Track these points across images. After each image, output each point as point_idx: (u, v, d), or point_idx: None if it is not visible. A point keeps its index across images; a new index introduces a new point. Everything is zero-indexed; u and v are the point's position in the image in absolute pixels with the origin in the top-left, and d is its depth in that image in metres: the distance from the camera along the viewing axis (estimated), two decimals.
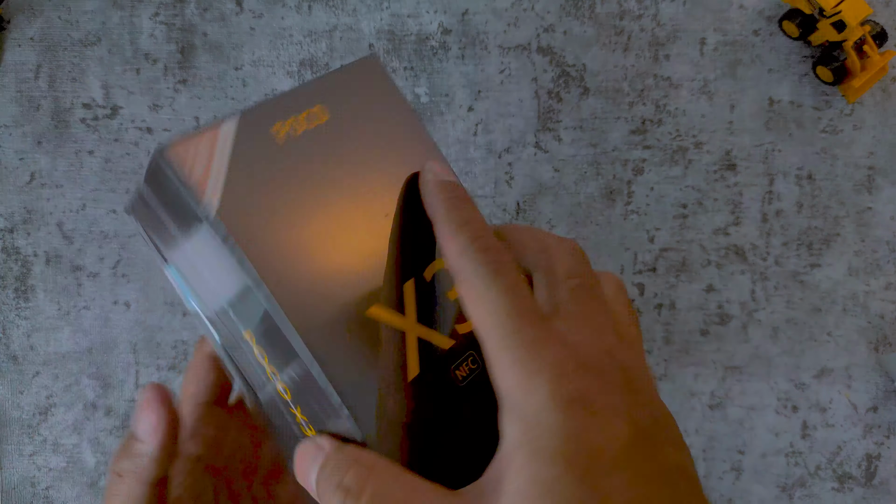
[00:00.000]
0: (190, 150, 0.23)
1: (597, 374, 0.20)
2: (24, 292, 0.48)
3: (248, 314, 0.24)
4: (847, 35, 0.46)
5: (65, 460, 0.48)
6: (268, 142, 0.24)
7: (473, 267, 0.22)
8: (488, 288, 0.21)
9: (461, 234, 0.22)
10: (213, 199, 0.22)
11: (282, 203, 0.24)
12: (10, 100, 0.48)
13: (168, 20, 0.48)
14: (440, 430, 0.24)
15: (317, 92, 0.25)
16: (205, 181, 0.22)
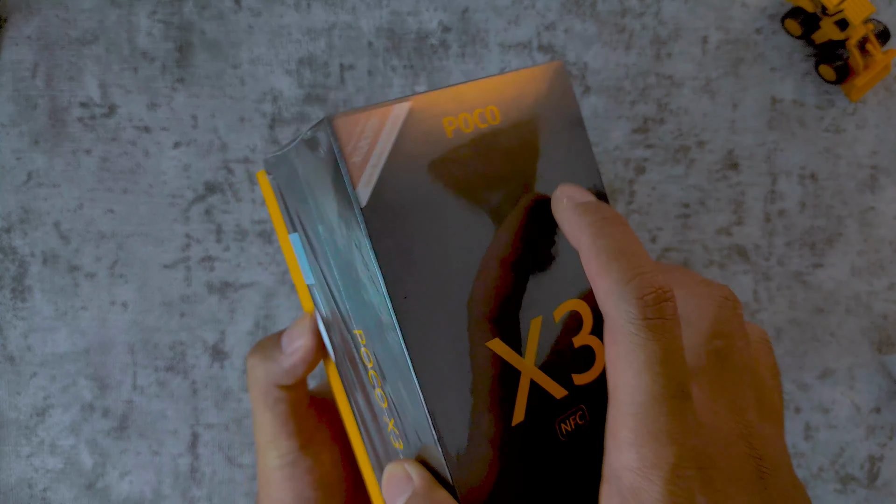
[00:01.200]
0: (358, 125, 0.21)
1: (724, 474, 0.18)
2: (21, 292, 0.48)
3: (364, 315, 0.23)
4: (850, 33, 0.45)
5: (62, 461, 0.48)
6: (437, 132, 0.23)
7: (627, 316, 0.18)
8: (641, 350, 0.18)
9: (614, 269, 0.19)
10: (367, 188, 0.21)
11: (434, 202, 0.22)
12: (7, 99, 0.47)
13: (166, 18, 0.47)
14: (530, 484, 0.23)
15: (492, 91, 0.24)
16: (364, 164, 0.21)
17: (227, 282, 0.48)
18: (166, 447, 0.48)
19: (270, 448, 0.27)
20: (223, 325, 0.48)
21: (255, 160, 0.48)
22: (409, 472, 0.22)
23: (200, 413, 0.48)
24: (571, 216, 0.21)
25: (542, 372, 0.23)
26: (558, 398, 0.23)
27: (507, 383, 0.22)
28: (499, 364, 0.22)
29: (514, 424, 0.22)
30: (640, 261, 0.19)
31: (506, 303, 0.22)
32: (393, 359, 0.22)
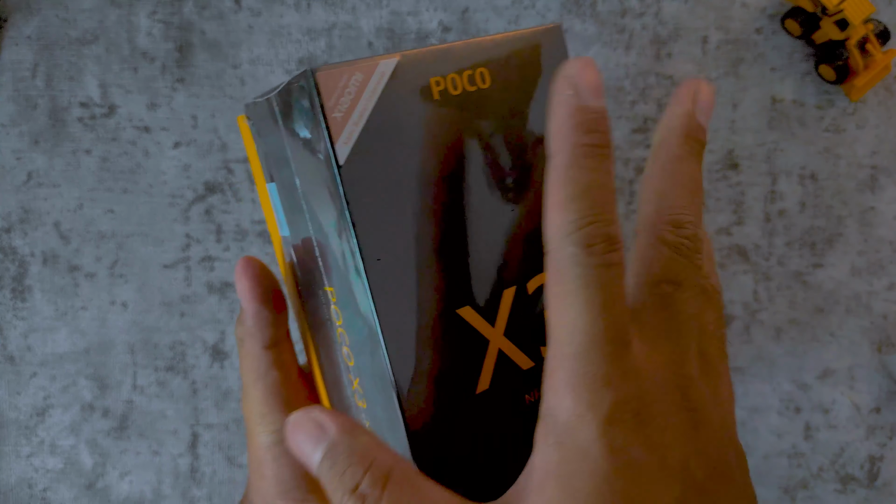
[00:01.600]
0: (342, 78, 0.20)
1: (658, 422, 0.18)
2: (21, 292, 0.48)
3: (336, 273, 0.22)
4: (850, 33, 0.45)
5: (62, 462, 0.48)
6: (422, 93, 0.22)
7: (573, 259, 0.18)
8: (583, 292, 0.18)
9: (573, 208, 0.18)
10: (346, 146, 0.20)
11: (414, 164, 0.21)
12: (7, 99, 0.47)
13: (166, 18, 0.47)
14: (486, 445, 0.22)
15: (484, 52, 0.23)
16: (345, 120, 0.20)
17: (227, 282, 0.48)
18: (166, 447, 0.48)
19: (261, 425, 0.27)
20: (223, 325, 0.48)
21: None
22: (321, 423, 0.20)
23: (200, 413, 0.48)
24: (565, 119, 0.19)
25: (511, 342, 0.23)
26: (525, 369, 0.23)
27: (474, 351, 0.22)
28: (467, 331, 0.22)
29: (477, 392, 0.22)
30: (602, 205, 0.18)
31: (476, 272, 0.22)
32: (361, 317, 0.22)
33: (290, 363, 0.27)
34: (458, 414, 0.22)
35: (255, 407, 0.27)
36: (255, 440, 0.28)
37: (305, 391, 0.28)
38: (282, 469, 0.27)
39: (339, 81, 0.20)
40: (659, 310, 0.20)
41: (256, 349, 0.26)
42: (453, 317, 0.22)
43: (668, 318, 0.20)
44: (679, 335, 0.19)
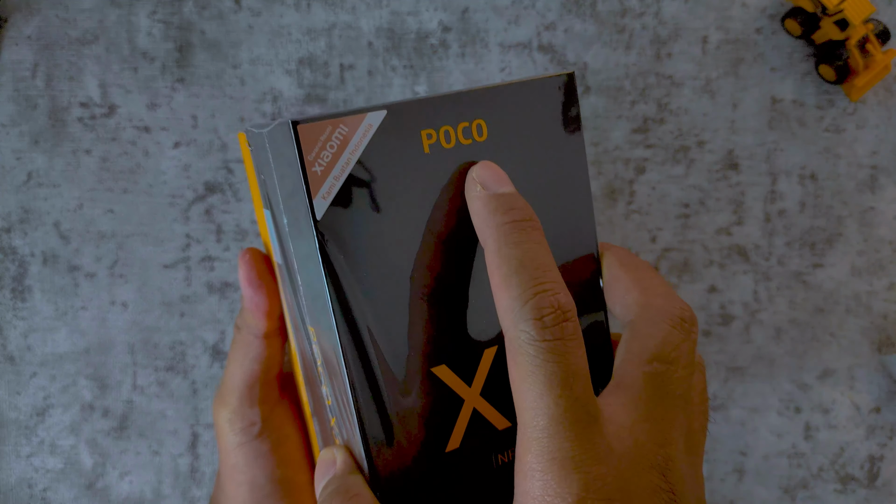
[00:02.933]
0: (325, 131, 0.20)
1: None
2: (21, 292, 0.48)
3: (316, 315, 0.22)
4: (850, 33, 0.45)
5: (62, 462, 0.48)
6: (412, 147, 0.21)
7: (526, 337, 0.17)
8: (540, 372, 0.17)
9: (514, 284, 0.18)
10: (325, 201, 0.20)
11: (398, 221, 0.21)
12: (7, 99, 0.47)
13: (166, 18, 0.47)
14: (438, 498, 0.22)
15: (484, 102, 0.21)
16: (325, 175, 0.20)
17: (228, 282, 0.48)
18: (166, 447, 0.48)
19: (232, 422, 0.27)
20: (223, 325, 0.48)
21: None
22: (335, 457, 0.22)
23: (200, 413, 0.48)
24: (482, 209, 0.19)
25: (488, 402, 0.22)
26: (500, 429, 0.22)
27: (446, 409, 0.22)
28: (442, 389, 0.22)
29: (447, 451, 0.22)
30: (543, 275, 0.18)
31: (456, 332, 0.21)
32: (336, 365, 0.21)
33: (274, 362, 0.27)
34: (425, 470, 0.22)
35: (228, 399, 0.27)
36: (226, 441, 0.27)
37: (278, 391, 0.28)
38: (256, 473, 0.27)
39: (321, 135, 0.20)
40: (649, 387, 0.19)
41: (250, 337, 0.27)
42: (428, 374, 0.21)
43: (659, 397, 0.19)
44: (667, 413, 0.19)
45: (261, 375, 0.27)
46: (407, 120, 0.21)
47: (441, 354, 0.22)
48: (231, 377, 0.27)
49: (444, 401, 0.22)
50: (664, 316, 0.21)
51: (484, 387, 0.22)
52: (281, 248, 0.24)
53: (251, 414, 0.27)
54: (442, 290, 0.21)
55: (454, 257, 0.21)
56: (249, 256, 0.26)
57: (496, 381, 0.22)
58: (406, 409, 0.21)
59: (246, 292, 0.26)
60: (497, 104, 0.22)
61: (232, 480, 0.28)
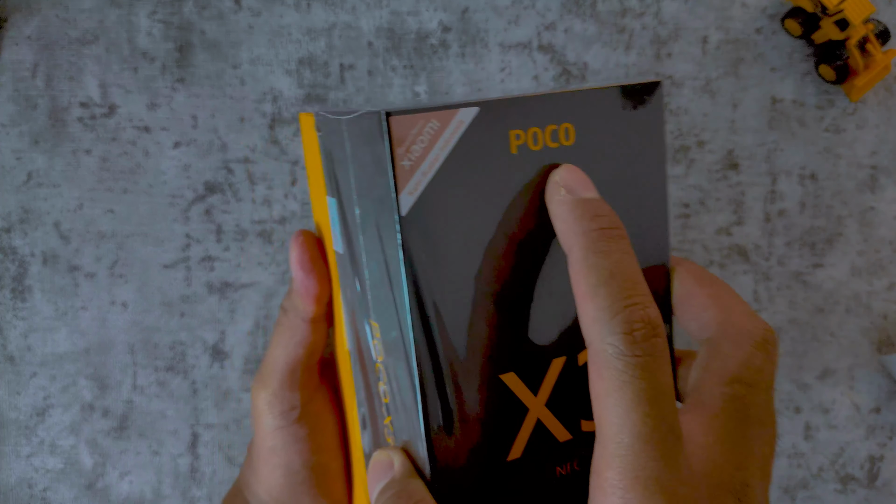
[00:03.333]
0: (416, 125, 0.19)
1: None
2: (21, 293, 0.48)
3: (383, 310, 0.22)
4: (850, 33, 0.45)
5: (62, 462, 0.48)
6: (500, 146, 0.20)
7: (614, 351, 0.17)
8: (628, 388, 0.17)
9: (602, 295, 0.17)
10: (411, 196, 0.19)
11: (481, 220, 0.20)
12: (7, 99, 0.47)
13: (166, 18, 0.47)
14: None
15: (573, 106, 0.21)
16: (413, 170, 0.19)
17: (227, 282, 0.48)
18: (166, 447, 0.48)
19: (272, 405, 0.27)
20: (223, 325, 0.48)
21: (255, 160, 0.48)
22: (392, 459, 0.22)
23: (200, 413, 0.48)
24: (567, 215, 0.19)
25: (551, 413, 0.22)
26: (561, 441, 0.22)
27: (511, 417, 0.21)
28: (508, 397, 0.21)
29: (508, 459, 0.21)
30: (633, 287, 0.17)
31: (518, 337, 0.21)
32: (403, 363, 0.21)
33: (318, 347, 0.27)
34: (486, 478, 0.21)
35: (269, 381, 0.27)
36: (263, 423, 0.27)
37: (318, 379, 0.28)
38: (292, 458, 0.27)
39: (412, 128, 0.19)
40: (729, 409, 0.19)
41: (297, 321, 0.26)
42: (496, 381, 0.21)
43: (738, 419, 0.19)
44: (745, 438, 0.19)
45: (304, 360, 0.27)
46: (497, 118, 0.20)
47: (509, 361, 0.21)
48: (274, 359, 0.27)
49: (509, 409, 0.21)
50: (746, 336, 0.20)
51: (549, 397, 0.22)
52: (346, 238, 0.24)
53: (291, 398, 0.27)
54: (507, 294, 0.21)
55: (524, 260, 0.21)
56: (303, 239, 0.26)
57: (562, 392, 0.22)
58: (471, 414, 0.21)
59: (297, 275, 0.26)
60: (586, 109, 0.21)
61: (267, 463, 0.28)
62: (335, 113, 0.22)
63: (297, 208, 0.48)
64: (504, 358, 0.21)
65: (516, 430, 0.22)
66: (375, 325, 0.22)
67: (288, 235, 0.48)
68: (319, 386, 0.28)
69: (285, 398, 0.27)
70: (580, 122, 0.21)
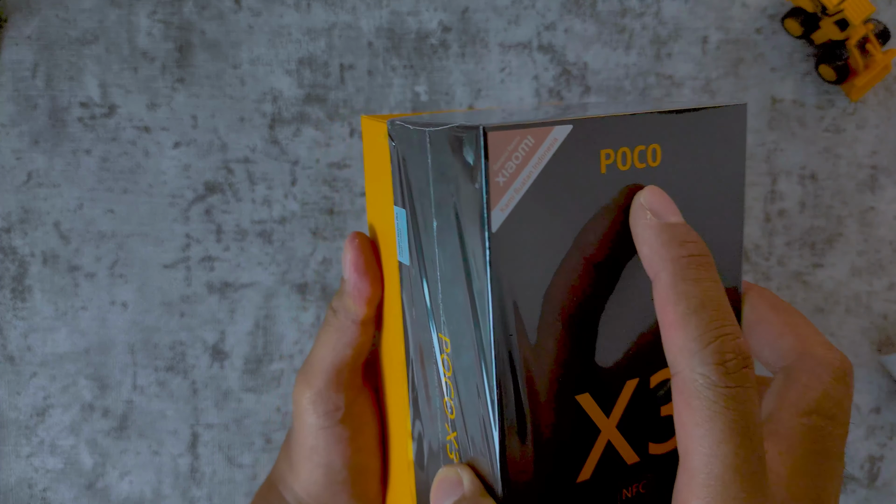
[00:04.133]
0: (513, 141, 0.19)
1: None
2: (21, 293, 0.48)
3: (457, 325, 0.21)
4: (850, 33, 0.45)
5: (62, 462, 0.48)
6: (590, 165, 0.20)
7: (705, 381, 0.17)
8: (720, 419, 0.16)
9: (693, 324, 0.17)
10: (502, 213, 0.19)
11: (567, 239, 0.20)
12: (7, 99, 0.47)
13: (166, 18, 0.47)
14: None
15: (661, 127, 0.21)
16: (507, 186, 0.19)
17: (227, 282, 0.48)
18: (166, 447, 0.48)
19: (316, 404, 0.27)
20: (223, 325, 0.48)
21: (255, 160, 0.48)
22: (460, 477, 0.21)
23: (200, 413, 0.48)
24: (654, 240, 0.19)
25: (622, 435, 0.22)
26: (629, 464, 0.22)
27: (583, 438, 0.21)
28: (582, 418, 0.21)
29: (578, 480, 0.21)
30: (724, 317, 0.17)
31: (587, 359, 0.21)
32: (477, 379, 0.21)
33: (364, 349, 0.28)
34: (555, 498, 0.21)
35: (314, 380, 0.27)
36: (306, 422, 0.27)
37: (361, 381, 0.28)
38: (334, 458, 0.27)
39: (508, 144, 0.19)
40: (807, 440, 0.19)
41: (347, 322, 0.27)
42: (571, 402, 0.21)
43: (815, 451, 0.19)
44: (822, 472, 0.19)
45: (350, 361, 0.27)
46: (590, 137, 0.20)
47: (584, 382, 0.21)
48: (321, 359, 0.27)
49: (582, 430, 0.21)
50: (826, 368, 0.20)
51: (620, 419, 0.22)
52: (415, 249, 0.23)
53: (336, 398, 0.27)
54: (579, 314, 0.21)
55: (597, 281, 0.21)
56: (359, 242, 0.26)
57: (633, 414, 0.22)
58: (544, 434, 0.21)
59: (351, 277, 0.26)
60: (673, 130, 0.21)
61: (308, 461, 0.28)
62: (416, 124, 0.22)
63: (296, 208, 0.48)
64: (580, 379, 0.21)
65: (587, 451, 0.21)
66: (446, 340, 0.22)
67: (288, 235, 0.48)
68: (363, 388, 0.28)
69: (330, 398, 0.27)
70: (667, 143, 0.21)
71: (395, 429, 0.28)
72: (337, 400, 0.27)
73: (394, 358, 0.27)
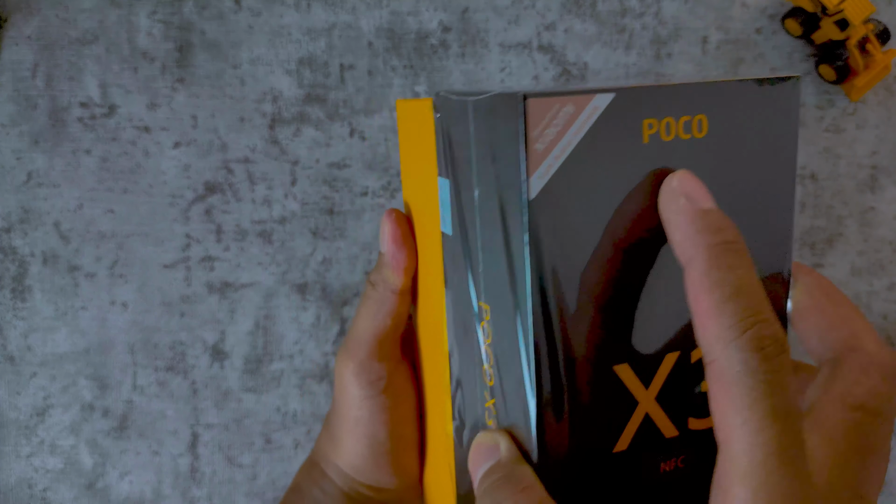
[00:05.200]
0: (552, 109, 0.19)
1: None
2: (21, 293, 0.48)
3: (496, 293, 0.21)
4: (850, 33, 0.45)
5: (62, 462, 0.48)
6: (632, 135, 0.20)
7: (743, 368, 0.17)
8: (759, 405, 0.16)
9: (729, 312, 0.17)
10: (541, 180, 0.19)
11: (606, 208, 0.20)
12: (7, 99, 0.47)
13: (166, 18, 0.47)
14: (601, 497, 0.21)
15: (707, 97, 0.20)
16: (546, 153, 0.19)
17: (227, 282, 0.48)
18: (166, 447, 0.48)
19: (358, 375, 0.27)
20: (223, 325, 0.48)
21: (255, 160, 0.48)
22: (497, 442, 0.21)
23: (200, 413, 0.48)
24: (686, 226, 0.18)
25: (660, 407, 0.22)
26: (667, 437, 0.22)
27: (620, 409, 0.21)
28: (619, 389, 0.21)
29: (615, 451, 0.21)
30: (760, 304, 0.17)
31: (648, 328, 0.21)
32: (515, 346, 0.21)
33: (402, 320, 0.28)
34: (591, 467, 0.21)
35: (356, 352, 0.28)
36: (349, 394, 0.28)
37: (399, 352, 0.29)
38: (378, 428, 0.28)
39: (548, 111, 0.19)
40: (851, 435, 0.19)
41: (386, 293, 0.27)
42: (608, 372, 0.21)
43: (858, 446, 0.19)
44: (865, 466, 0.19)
45: (390, 330, 0.28)
46: (632, 106, 0.20)
47: (623, 352, 0.21)
48: (362, 331, 0.28)
49: (620, 400, 0.21)
50: (876, 365, 0.20)
51: (660, 392, 0.22)
52: (458, 219, 0.23)
53: (378, 368, 0.28)
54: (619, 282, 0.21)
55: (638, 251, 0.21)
56: (395, 216, 0.28)
57: (673, 388, 0.22)
58: (582, 403, 0.21)
59: (389, 249, 0.27)
60: (721, 100, 0.21)
61: (352, 434, 0.28)
62: (460, 94, 0.22)
63: (296, 208, 0.48)
64: (619, 348, 0.21)
65: (625, 422, 0.21)
66: (486, 308, 0.22)
67: (288, 235, 0.48)
68: (401, 360, 0.29)
69: (373, 368, 0.28)
70: (714, 114, 0.21)
71: (432, 401, 0.28)
72: (379, 370, 0.28)
73: (433, 329, 0.27)
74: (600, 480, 0.21)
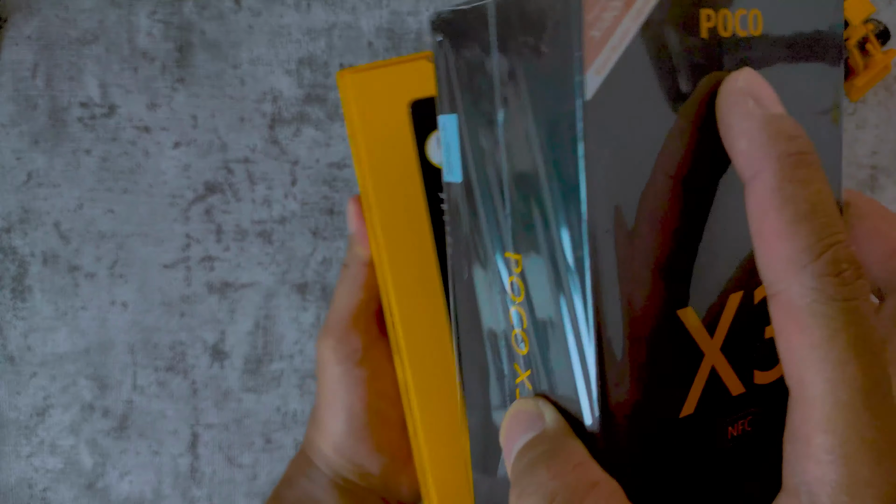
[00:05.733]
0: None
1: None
2: (21, 293, 0.48)
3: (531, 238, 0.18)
4: (850, 33, 0.45)
5: (62, 462, 0.48)
6: (691, 26, 0.17)
7: (819, 296, 0.14)
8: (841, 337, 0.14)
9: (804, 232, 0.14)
10: (599, 76, 0.15)
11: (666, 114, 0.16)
12: (7, 99, 0.47)
13: (166, 18, 0.47)
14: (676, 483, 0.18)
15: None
16: (604, 41, 0.15)
17: (227, 282, 0.48)
18: (166, 447, 0.48)
19: (337, 350, 0.28)
20: (223, 325, 0.48)
21: (255, 160, 0.48)
22: (541, 411, 0.17)
23: (200, 413, 0.48)
24: (756, 133, 0.15)
25: (726, 360, 0.18)
26: (734, 395, 0.19)
27: (686, 365, 0.18)
28: (685, 339, 0.18)
29: (681, 416, 0.18)
30: (836, 224, 0.15)
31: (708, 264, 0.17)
32: (558, 301, 0.17)
33: (375, 291, 0.28)
34: (656, 439, 0.18)
35: (334, 328, 0.28)
36: (328, 372, 0.28)
37: (377, 329, 0.29)
38: (354, 401, 0.28)
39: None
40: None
41: (358, 267, 0.28)
42: (672, 318, 0.17)
43: None
44: None
45: (365, 302, 0.28)
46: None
47: (687, 293, 0.17)
48: (339, 308, 0.28)
49: (685, 353, 0.18)
50: None
51: (724, 341, 0.18)
52: (471, 159, 0.20)
53: (354, 340, 0.28)
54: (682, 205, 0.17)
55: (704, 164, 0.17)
56: (356, 199, 0.28)
57: (737, 335, 0.18)
58: (645, 357, 0.17)
59: (356, 226, 0.28)
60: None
61: (330, 409, 0.28)
62: (471, 2, 0.19)
63: (296, 208, 0.48)
64: (681, 289, 0.17)
65: (691, 379, 0.18)
66: (516, 259, 0.18)
67: (288, 235, 0.48)
68: (380, 336, 0.29)
69: (350, 342, 0.28)
70: (768, 10, 0.18)
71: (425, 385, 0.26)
72: (355, 342, 0.28)
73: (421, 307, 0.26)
74: (666, 453, 0.18)
